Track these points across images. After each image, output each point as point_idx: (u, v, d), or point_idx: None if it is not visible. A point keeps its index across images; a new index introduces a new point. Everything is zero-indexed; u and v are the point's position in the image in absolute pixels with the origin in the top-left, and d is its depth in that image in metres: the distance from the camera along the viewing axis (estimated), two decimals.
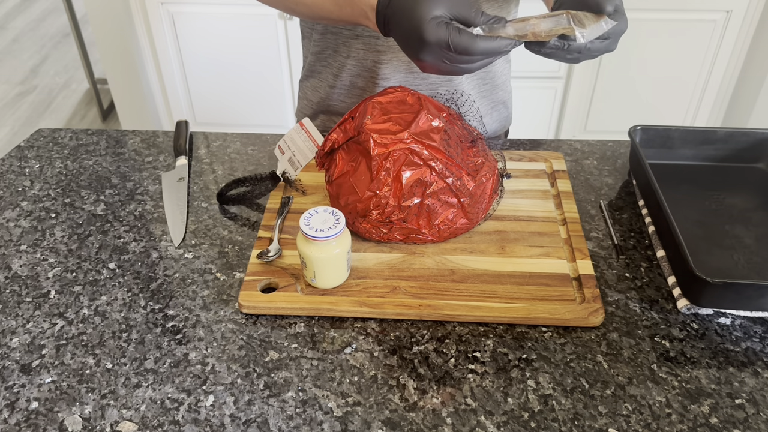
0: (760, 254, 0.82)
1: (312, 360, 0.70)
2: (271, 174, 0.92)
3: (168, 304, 0.77)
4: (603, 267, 0.81)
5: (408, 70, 0.99)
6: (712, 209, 0.90)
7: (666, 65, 2.16)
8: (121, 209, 0.92)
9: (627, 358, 0.70)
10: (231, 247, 0.85)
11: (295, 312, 0.74)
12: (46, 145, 1.08)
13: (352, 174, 0.80)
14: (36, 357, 0.70)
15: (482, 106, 1.08)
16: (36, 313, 0.76)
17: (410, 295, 0.75)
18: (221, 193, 0.92)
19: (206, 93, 2.32)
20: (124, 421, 0.64)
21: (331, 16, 0.80)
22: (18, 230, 0.89)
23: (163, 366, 0.69)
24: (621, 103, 2.27)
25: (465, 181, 0.80)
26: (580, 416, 0.64)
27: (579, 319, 0.72)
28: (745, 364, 0.69)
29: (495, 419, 0.63)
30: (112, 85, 2.38)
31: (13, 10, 4.05)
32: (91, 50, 2.90)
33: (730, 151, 0.97)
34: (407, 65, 0.99)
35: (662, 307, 0.76)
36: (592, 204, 0.92)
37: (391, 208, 0.78)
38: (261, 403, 0.65)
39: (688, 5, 2.03)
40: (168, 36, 2.18)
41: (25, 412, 0.65)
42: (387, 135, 0.77)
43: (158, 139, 1.09)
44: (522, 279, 0.77)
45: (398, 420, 0.63)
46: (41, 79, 3.32)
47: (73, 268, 0.82)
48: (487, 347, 0.71)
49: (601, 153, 1.04)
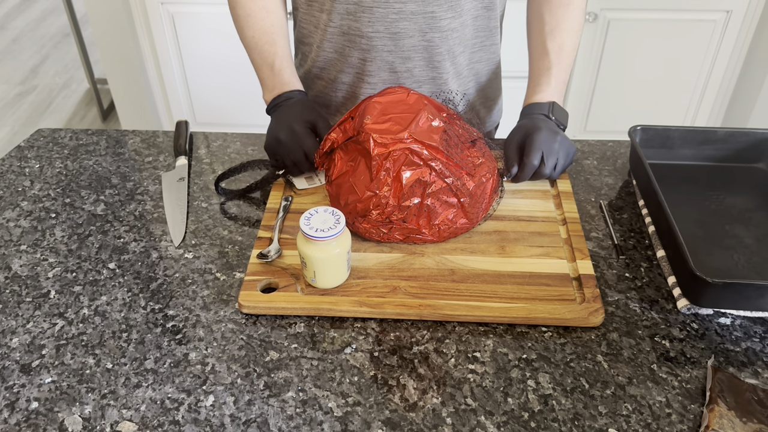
0: (760, 254, 0.82)
1: (312, 360, 0.70)
2: (273, 175, 0.93)
3: (168, 304, 0.77)
4: (603, 267, 0.81)
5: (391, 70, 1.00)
6: (712, 209, 0.90)
7: (666, 65, 2.16)
8: (121, 209, 0.92)
9: (627, 358, 0.70)
10: (231, 247, 0.85)
11: (295, 312, 0.74)
12: (46, 145, 1.08)
13: (351, 174, 0.80)
14: (36, 357, 0.70)
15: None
16: (36, 313, 0.76)
17: (410, 295, 0.75)
18: (217, 182, 0.94)
19: (206, 93, 2.32)
20: (124, 421, 0.64)
21: (254, 66, 1.01)
22: (18, 230, 0.89)
23: (163, 366, 0.69)
24: (621, 103, 2.27)
25: (465, 181, 0.80)
26: (580, 416, 0.64)
27: (579, 319, 0.72)
28: (745, 364, 0.69)
29: (495, 419, 0.63)
30: (112, 85, 2.38)
31: (13, 10, 4.05)
32: (91, 50, 2.90)
33: (730, 151, 0.97)
34: (390, 64, 0.99)
35: (662, 307, 0.76)
36: (592, 204, 0.92)
37: (391, 208, 0.78)
38: (261, 403, 0.65)
39: (688, 5, 2.03)
40: (168, 36, 2.18)
41: (25, 412, 0.65)
42: (387, 135, 0.77)
43: (158, 139, 1.09)
44: (522, 279, 0.77)
45: (398, 420, 0.63)
46: (41, 79, 3.32)
47: (73, 268, 0.82)
48: (487, 347, 0.71)
49: (601, 153, 1.04)
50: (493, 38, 1.04)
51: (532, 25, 1.01)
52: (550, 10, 0.97)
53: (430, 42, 0.96)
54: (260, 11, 0.97)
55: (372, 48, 0.97)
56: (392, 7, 0.93)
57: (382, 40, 0.96)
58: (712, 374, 0.66)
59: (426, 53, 0.98)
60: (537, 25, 0.99)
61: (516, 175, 0.89)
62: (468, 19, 0.97)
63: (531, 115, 0.94)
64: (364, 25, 0.94)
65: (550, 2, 0.97)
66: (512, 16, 1.29)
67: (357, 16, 0.94)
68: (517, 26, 1.16)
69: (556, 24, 0.96)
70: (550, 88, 0.96)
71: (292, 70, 0.99)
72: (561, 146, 0.88)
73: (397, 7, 0.93)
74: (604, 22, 2.08)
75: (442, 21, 0.94)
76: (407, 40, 0.96)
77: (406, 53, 0.97)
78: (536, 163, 0.87)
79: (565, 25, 0.96)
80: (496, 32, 1.04)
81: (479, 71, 1.06)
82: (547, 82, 0.96)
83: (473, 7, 0.97)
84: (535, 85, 0.97)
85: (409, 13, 0.93)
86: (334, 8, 0.95)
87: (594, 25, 2.09)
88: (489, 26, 1.01)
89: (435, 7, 0.93)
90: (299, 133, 0.89)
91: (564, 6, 0.96)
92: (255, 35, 0.97)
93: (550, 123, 0.91)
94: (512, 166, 0.88)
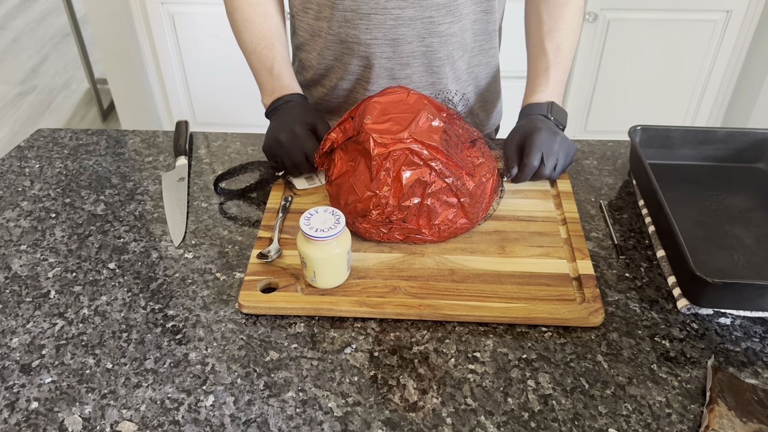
0: (760, 254, 0.82)
1: (312, 360, 0.70)
2: (273, 176, 0.93)
3: (168, 304, 0.77)
4: (603, 267, 0.81)
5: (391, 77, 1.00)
6: (712, 209, 0.90)
7: (666, 65, 2.16)
8: (121, 209, 0.92)
9: (627, 358, 0.70)
10: (231, 247, 0.85)
11: (295, 312, 0.74)
12: (46, 145, 1.08)
13: (351, 174, 0.80)
14: (36, 357, 0.70)
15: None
16: (36, 313, 0.76)
17: (410, 295, 0.75)
18: (217, 182, 0.94)
19: (206, 93, 2.32)
20: (124, 421, 0.64)
21: (252, 70, 1.01)
22: (18, 230, 0.89)
23: (163, 366, 0.69)
24: (621, 103, 2.27)
25: (465, 181, 0.80)
26: (580, 416, 0.64)
27: (579, 319, 0.72)
28: (745, 364, 0.69)
29: (495, 419, 0.63)
30: (112, 85, 2.38)
31: (13, 10, 4.05)
32: (91, 50, 2.90)
33: (730, 151, 0.97)
34: (389, 71, 0.99)
35: (662, 307, 0.76)
36: (592, 204, 0.92)
37: (391, 208, 0.78)
38: (261, 403, 0.65)
39: (688, 5, 2.03)
40: (168, 36, 2.18)
41: (25, 412, 0.65)
42: (387, 135, 0.77)
43: (158, 139, 1.09)
44: (522, 279, 0.77)
45: (398, 420, 0.63)
46: (41, 79, 3.32)
47: (73, 268, 0.82)
48: (487, 347, 0.71)
49: (601, 153, 1.04)
50: (491, 42, 1.04)
51: (530, 25, 1.01)
52: (548, 9, 0.97)
53: (429, 47, 0.96)
54: (258, 16, 0.97)
55: (371, 55, 0.97)
56: (390, 14, 0.92)
57: (380, 46, 0.96)
58: (712, 374, 0.66)
59: (425, 59, 0.98)
60: (535, 25, 0.99)
61: (516, 176, 0.89)
62: (467, 23, 0.97)
63: (530, 115, 0.94)
64: (362, 32, 0.94)
65: (548, 2, 0.97)
66: (511, 15, 1.29)
67: (355, 23, 0.94)
68: (516, 26, 1.16)
69: (554, 24, 0.96)
70: (548, 89, 0.95)
71: (291, 74, 0.99)
72: (561, 146, 0.88)
73: (395, 14, 0.92)
74: (604, 22, 2.08)
75: (440, 26, 0.94)
76: (406, 46, 0.96)
77: (405, 59, 0.97)
78: (536, 163, 0.87)
79: (563, 25, 0.96)
80: (495, 36, 1.04)
81: (478, 75, 1.06)
82: (545, 83, 0.96)
83: (472, 11, 0.96)
84: (533, 85, 0.97)
85: (407, 18, 0.93)
86: (332, 16, 0.95)
87: (594, 25, 2.09)
88: (488, 30, 1.01)
89: (433, 12, 0.93)
90: (300, 134, 0.89)
91: (562, 5, 0.96)
92: (253, 40, 0.97)
93: (549, 123, 0.91)
94: (512, 166, 0.88)
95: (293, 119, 0.90)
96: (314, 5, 0.97)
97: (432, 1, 0.92)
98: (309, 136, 0.89)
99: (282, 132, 0.90)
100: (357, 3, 0.92)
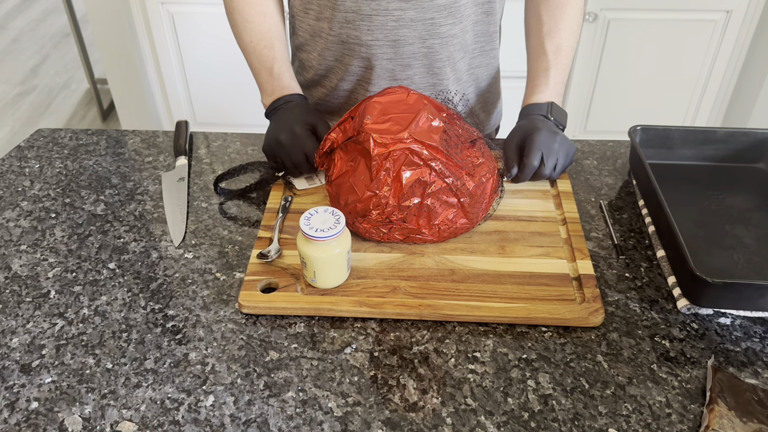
0: (760, 254, 0.82)
1: (312, 360, 0.70)
2: (273, 176, 0.93)
3: (168, 304, 0.77)
4: (603, 267, 0.81)
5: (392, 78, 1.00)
6: (712, 209, 0.90)
7: (666, 65, 2.16)
8: (121, 209, 0.92)
9: (627, 358, 0.70)
10: (231, 247, 0.85)
11: (295, 312, 0.74)
12: (46, 145, 1.08)
13: (351, 174, 0.80)
14: (36, 357, 0.70)
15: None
16: (36, 313, 0.76)
17: (410, 295, 0.75)
18: (216, 182, 0.94)
19: (206, 93, 2.31)
20: (124, 421, 0.64)
21: (252, 71, 1.01)
22: (18, 230, 0.89)
23: (163, 366, 0.69)
24: (621, 103, 2.27)
25: (465, 181, 0.80)
26: (580, 416, 0.64)
27: (579, 319, 0.72)
28: (745, 364, 0.69)
29: (495, 419, 0.63)
30: (112, 85, 2.38)
31: (13, 10, 4.05)
32: (91, 50, 2.90)
33: (730, 151, 0.97)
34: (391, 72, 0.99)
35: (662, 307, 0.76)
36: (592, 204, 0.92)
37: (391, 208, 0.78)
38: (261, 403, 0.65)
39: (688, 5, 2.03)
40: (168, 36, 2.18)
41: (25, 412, 0.65)
42: (387, 135, 0.77)
43: (158, 139, 1.09)
44: (522, 279, 0.77)
45: (398, 420, 0.63)
46: (41, 79, 3.32)
47: (73, 268, 0.82)
48: (487, 347, 0.71)
49: (601, 153, 1.04)
50: (492, 43, 1.04)
51: (530, 25, 1.01)
52: (548, 10, 0.97)
53: (430, 49, 0.96)
54: (258, 16, 0.97)
55: (372, 56, 0.97)
56: (391, 15, 0.92)
57: (381, 48, 0.96)
58: (712, 374, 0.66)
59: (426, 60, 0.98)
60: (535, 25, 0.99)
61: (516, 176, 0.89)
62: (468, 24, 0.97)
63: (530, 115, 0.94)
64: (364, 33, 0.94)
65: (548, 2, 0.97)
66: (511, 15, 1.29)
67: (356, 24, 0.94)
68: (516, 26, 1.16)
69: (554, 24, 0.96)
70: (548, 89, 0.96)
71: (291, 74, 0.99)
72: (560, 146, 0.88)
73: (397, 15, 0.92)
74: (604, 22, 2.08)
75: (442, 27, 0.94)
76: (407, 47, 0.96)
77: (406, 60, 0.97)
78: (536, 163, 0.87)
79: (563, 25, 0.96)
80: (496, 37, 1.04)
81: (479, 76, 1.06)
82: (545, 83, 0.96)
83: (473, 12, 0.96)
84: (533, 85, 0.97)
85: (408, 20, 0.93)
86: (333, 17, 0.95)
87: (594, 25, 2.09)
88: (489, 31, 1.01)
89: (434, 13, 0.93)
90: (300, 134, 0.89)
91: (562, 6, 0.96)
92: (253, 40, 0.97)
93: (549, 123, 0.91)
94: (512, 166, 0.88)
95: (293, 119, 0.90)
96: (315, 6, 0.97)
97: (433, 3, 0.92)
98: (309, 137, 0.89)
99: (282, 132, 0.90)
100: (358, 4, 0.92)
